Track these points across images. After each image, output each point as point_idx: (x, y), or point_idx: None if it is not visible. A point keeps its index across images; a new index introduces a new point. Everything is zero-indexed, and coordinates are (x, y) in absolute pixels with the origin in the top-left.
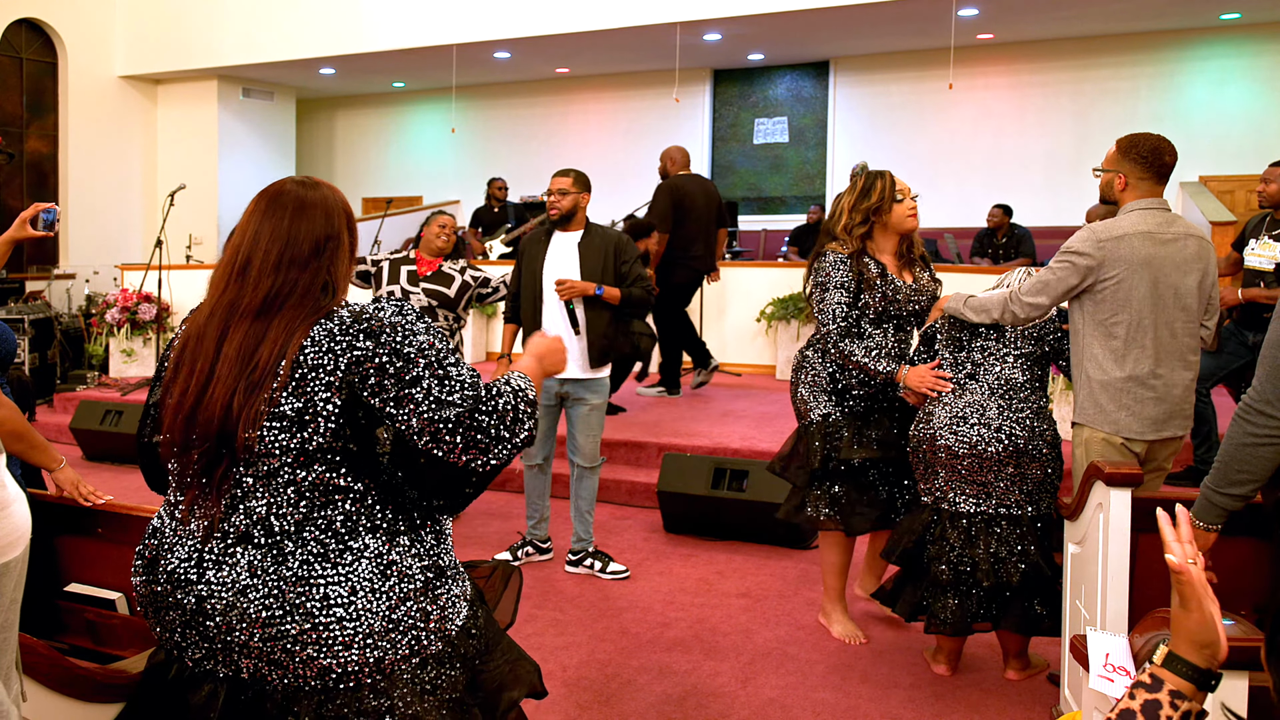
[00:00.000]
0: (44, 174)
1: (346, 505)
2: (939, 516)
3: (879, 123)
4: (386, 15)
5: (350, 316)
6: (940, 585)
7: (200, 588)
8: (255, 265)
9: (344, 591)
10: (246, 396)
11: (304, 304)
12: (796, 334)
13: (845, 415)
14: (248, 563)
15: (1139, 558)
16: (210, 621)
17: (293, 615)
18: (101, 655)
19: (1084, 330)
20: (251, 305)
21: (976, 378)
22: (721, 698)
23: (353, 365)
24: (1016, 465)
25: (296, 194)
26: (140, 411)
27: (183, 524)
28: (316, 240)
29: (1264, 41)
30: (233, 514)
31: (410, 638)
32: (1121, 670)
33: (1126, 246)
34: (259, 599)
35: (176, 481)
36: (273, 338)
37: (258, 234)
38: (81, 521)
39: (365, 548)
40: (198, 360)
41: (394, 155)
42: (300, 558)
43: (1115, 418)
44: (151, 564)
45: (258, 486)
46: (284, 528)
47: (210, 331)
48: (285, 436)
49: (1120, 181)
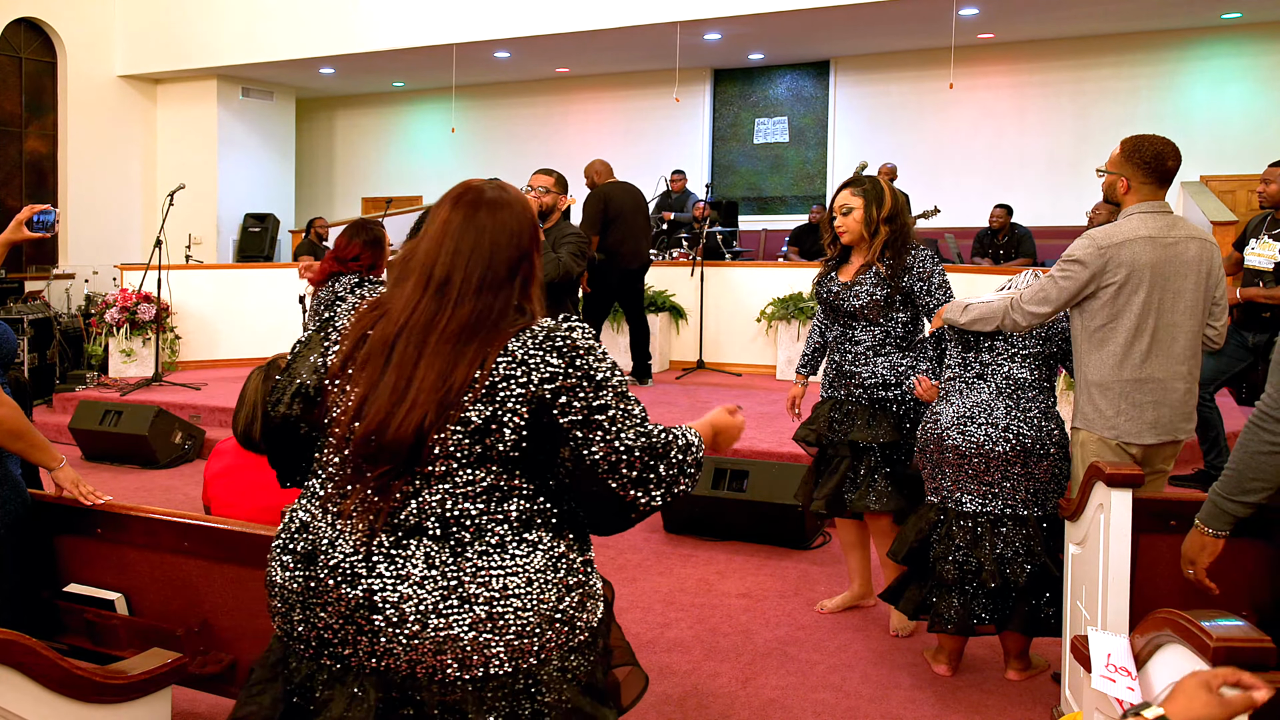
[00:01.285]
0: (43, 174)
1: (521, 502)
2: (945, 516)
3: (879, 122)
4: (386, 15)
5: (543, 333)
6: (945, 584)
7: (371, 581)
8: (455, 286)
9: (520, 582)
10: (438, 416)
11: (499, 326)
12: (797, 334)
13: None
14: (424, 555)
15: (1139, 558)
16: (378, 615)
17: (471, 605)
18: (101, 656)
19: (1083, 335)
20: (450, 331)
21: (985, 377)
22: (722, 698)
23: (545, 381)
24: (1024, 465)
25: (493, 204)
26: (141, 409)
27: (341, 518)
28: (511, 262)
29: (1265, 41)
30: (403, 509)
31: (569, 627)
32: (1123, 671)
33: (1128, 252)
34: (438, 590)
35: (335, 476)
36: (470, 359)
37: (457, 250)
38: (81, 522)
39: (540, 540)
40: (389, 376)
41: (394, 155)
42: (478, 549)
43: (1114, 422)
44: (308, 559)
45: (433, 483)
46: (460, 521)
47: (406, 351)
48: (469, 442)
49: (1123, 185)
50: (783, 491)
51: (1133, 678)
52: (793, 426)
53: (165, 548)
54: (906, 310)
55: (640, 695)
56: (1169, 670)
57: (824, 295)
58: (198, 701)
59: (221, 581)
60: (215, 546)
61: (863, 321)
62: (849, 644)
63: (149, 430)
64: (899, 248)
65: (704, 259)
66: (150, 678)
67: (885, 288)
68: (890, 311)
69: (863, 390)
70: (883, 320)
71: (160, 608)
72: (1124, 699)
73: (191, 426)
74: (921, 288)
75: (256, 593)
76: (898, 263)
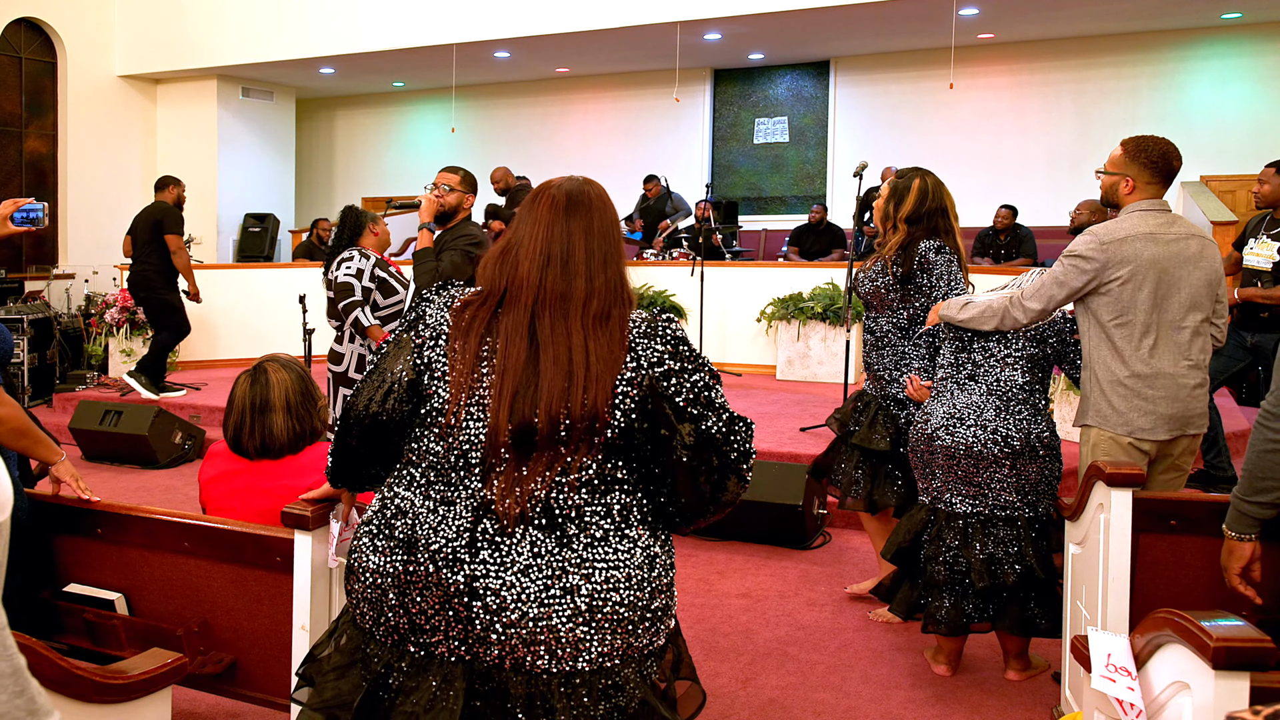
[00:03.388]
0: (43, 174)
1: (622, 496)
2: (936, 516)
3: (879, 122)
4: (386, 15)
5: (644, 323)
6: (936, 585)
7: (475, 566)
8: (580, 262)
9: (621, 576)
10: (562, 404)
11: (613, 312)
12: (796, 334)
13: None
14: (529, 543)
15: (1140, 558)
16: (478, 601)
17: (573, 595)
18: (100, 656)
19: (1091, 332)
20: (594, 309)
21: (976, 378)
22: (721, 698)
23: (653, 366)
24: (1012, 467)
25: (591, 199)
26: (140, 409)
27: (446, 504)
28: (611, 252)
29: (1265, 41)
30: (507, 495)
31: (656, 628)
32: (1123, 671)
33: (1130, 248)
34: (541, 579)
35: (439, 464)
36: (592, 347)
37: (570, 243)
38: (81, 522)
39: (639, 537)
40: (547, 356)
41: (394, 155)
42: (584, 540)
43: (1128, 418)
44: (408, 544)
45: (539, 470)
46: (565, 511)
47: (556, 329)
48: (581, 430)
49: (1127, 185)
50: (783, 491)
51: (1133, 678)
52: (793, 427)
53: (165, 548)
54: (915, 302)
55: (697, 712)
56: (1169, 670)
57: (852, 279)
58: (198, 701)
59: (221, 581)
60: (215, 546)
61: (874, 310)
62: (849, 644)
63: (149, 430)
64: (912, 245)
65: (704, 259)
66: (150, 678)
67: (888, 276)
68: (897, 301)
69: (879, 385)
70: (890, 310)
71: (160, 608)
72: (1124, 699)
73: (191, 426)
74: (924, 279)
75: (256, 593)
76: (906, 256)
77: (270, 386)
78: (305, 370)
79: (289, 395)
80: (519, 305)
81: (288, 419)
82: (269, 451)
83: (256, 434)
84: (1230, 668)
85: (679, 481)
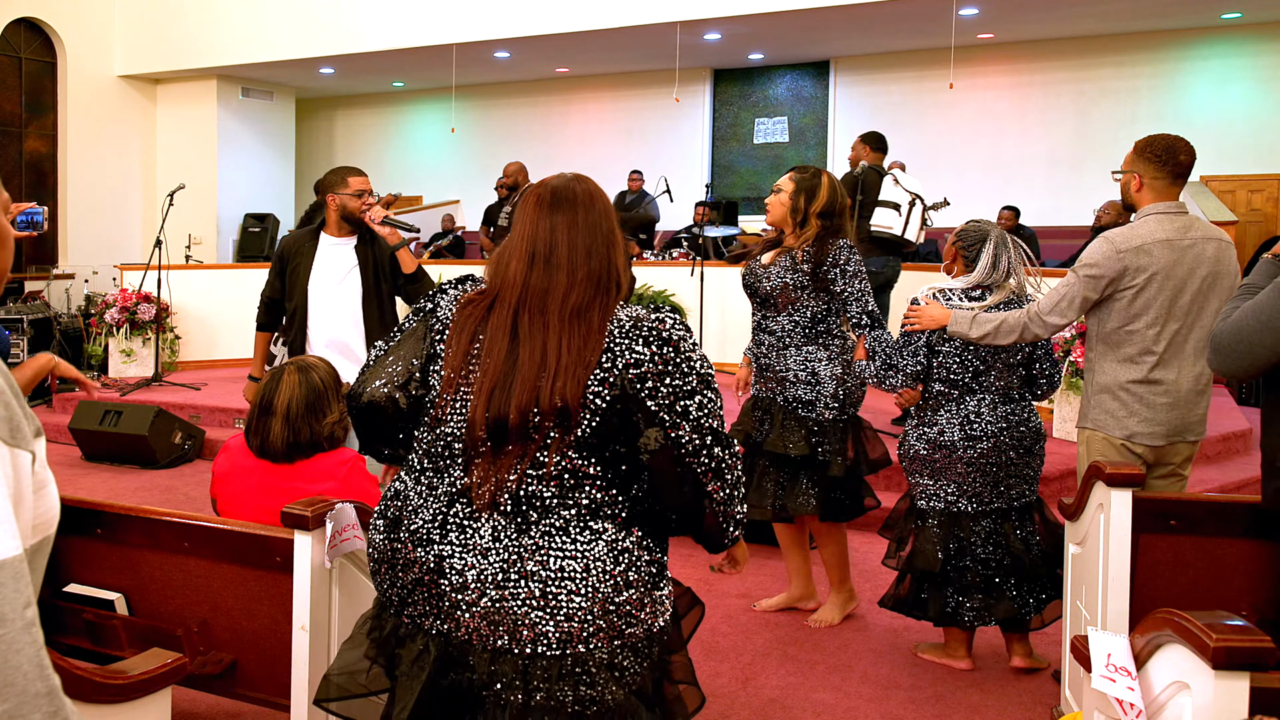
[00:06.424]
0: (43, 174)
1: (593, 491)
2: (953, 520)
3: (879, 122)
4: (386, 15)
5: (629, 322)
6: (969, 586)
7: (442, 546)
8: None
9: (578, 566)
10: (532, 398)
11: (594, 305)
12: None
13: None
14: (491, 528)
15: (1140, 558)
16: (444, 580)
17: (526, 581)
18: (100, 656)
19: (1097, 337)
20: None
21: (981, 382)
22: (721, 698)
23: (629, 367)
24: (1001, 466)
25: (578, 194)
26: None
27: (429, 489)
28: (609, 236)
29: (1265, 41)
30: (483, 484)
31: (623, 622)
32: (1123, 671)
33: (1146, 256)
34: (499, 561)
35: (430, 451)
36: (565, 342)
37: (554, 228)
38: (81, 522)
39: (604, 530)
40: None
41: (394, 155)
42: (542, 529)
43: (1126, 423)
44: (394, 523)
45: (511, 462)
46: (530, 501)
47: (533, 325)
48: (550, 424)
49: (1136, 182)
50: None
51: (1133, 678)
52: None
53: (165, 548)
54: (820, 301)
55: (696, 712)
56: (1169, 670)
57: (744, 276)
58: (198, 701)
59: (221, 581)
60: (215, 546)
61: (773, 309)
62: (849, 644)
63: (149, 430)
64: (825, 241)
65: (702, 259)
66: (150, 678)
67: (797, 274)
68: (801, 300)
69: (780, 388)
70: (792, 309)
71: (160, 608)
72: (1124, 699)
73: (191, 426)
74: (837, 275)
75: (256, 592)
76: (817, 251)
77: (278, 391)
78: (329, 379)
79: (290, 404)
80: (505, 304)
81: (284, 427)
82: (268, 454)
83: (258, 434)
84: (1230, 668)
85: (659, 487)
